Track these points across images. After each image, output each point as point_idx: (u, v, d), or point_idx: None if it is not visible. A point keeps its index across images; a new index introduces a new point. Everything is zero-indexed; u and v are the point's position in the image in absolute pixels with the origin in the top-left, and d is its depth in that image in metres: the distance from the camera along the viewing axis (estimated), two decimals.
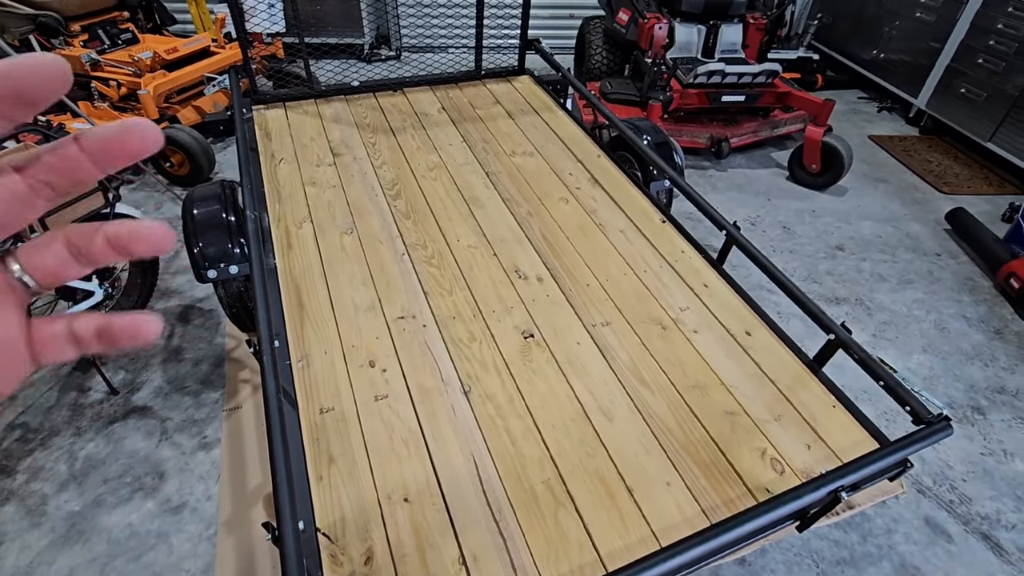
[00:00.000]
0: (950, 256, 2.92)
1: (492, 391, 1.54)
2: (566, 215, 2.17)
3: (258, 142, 2.43)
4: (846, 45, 5.08)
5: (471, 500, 1.31)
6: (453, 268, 1.90)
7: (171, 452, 1.84)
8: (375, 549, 1.22)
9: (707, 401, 1.55)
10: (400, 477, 1.34)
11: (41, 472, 1.77)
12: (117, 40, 3.56)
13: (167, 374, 2.10)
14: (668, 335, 1.73)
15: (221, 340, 2.25)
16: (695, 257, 2.02)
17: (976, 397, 2.14)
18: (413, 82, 3.01)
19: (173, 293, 2.48)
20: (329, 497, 1.30)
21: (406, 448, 1.40)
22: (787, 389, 1.61)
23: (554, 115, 2.82)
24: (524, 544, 1.24)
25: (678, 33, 3.68)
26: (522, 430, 1.45)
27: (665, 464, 1.40)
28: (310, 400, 1.49)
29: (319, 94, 2.82)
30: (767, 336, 1.74)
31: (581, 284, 1.88)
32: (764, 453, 1.45)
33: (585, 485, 1.34)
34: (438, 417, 1.47)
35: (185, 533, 1.62)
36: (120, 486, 1.73)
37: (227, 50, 3.83)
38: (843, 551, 1.65)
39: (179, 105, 3.55)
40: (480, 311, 1.76)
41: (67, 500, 1.70)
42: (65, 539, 1.60)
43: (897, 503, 1.77)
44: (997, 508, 1.77)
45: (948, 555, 1.64)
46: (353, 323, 1.69)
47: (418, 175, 2.34)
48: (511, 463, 1.38)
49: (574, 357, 1.64)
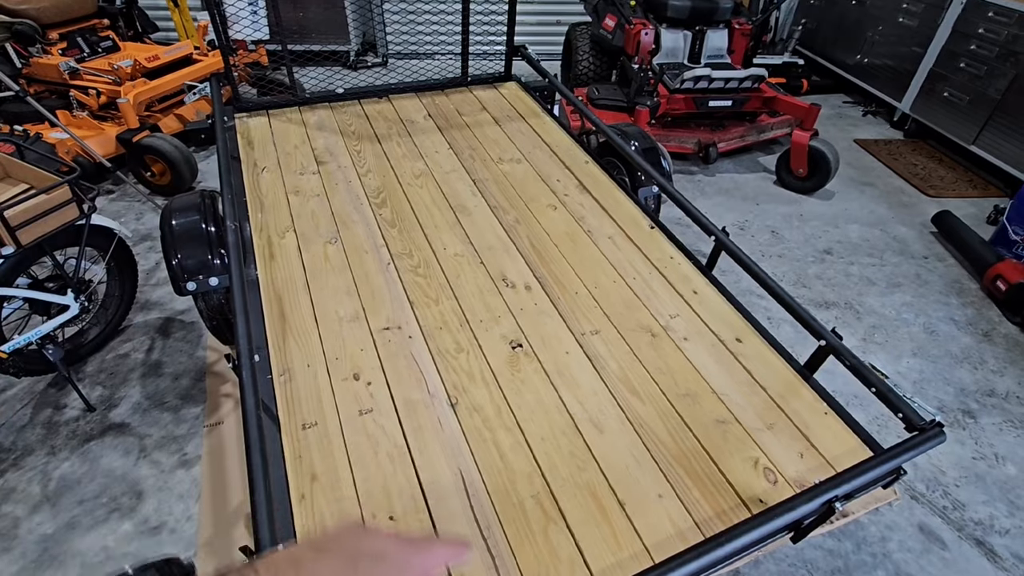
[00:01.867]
0: (937, 259, 2.93)
1: (480, 403, 1.50)
2: (554, 222, 2.15)
3: (240, 150, 2.39)
4: (830, 50, 5.13)
5: (459, 517, 1.27)
6: (440, 277, 1.87)
7: (150, 470, 1.78)
8: None
9: (698, 410, 1.53)
10: (385, 495, 1.30)
11: (13, 494, 1.70)
12: (97, 48, 3.51)
13: (146, 389, 2.04)
14: (658, 343, 1.70)
15: (202, 353, 2.19)
16: (684, 263, 2.00)
17: (966, 401, 2.14)
18: (399, 89, 2.98)
19: (153, 305, 2.42)
20: (312, 516, 1.26)
21: (391, 463, 1.36)
22: (779, 397, 1.59)
23: (541, 121, 2.80)
24: (514, 562, 1.21)
25: (664, 39, 3.69)
26: (511, 443, 1.41)
27: (657, 476, 1.37)
28: (292, 415, 1.45)
29: (303, 101, 2.79)
30: (758, 343, 1.73)
31: (570, 292, 1.85)
32: (757, 463, 1.43)
33: (576, 499, 1.31)
34: (424, 431, 1.43)
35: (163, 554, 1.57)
36: (96, 507, 1.67)
37: (210, 57, 3.78)
38: (837, 560, 1.63)
39: (160, 114, 3.49)
40: (467, 321, 1.73)
41: (40, 523, 1.63)
42: (37, 564, 1.54)
43: (891, 510, 1.75)
44: (990, 513, 1.77)
45: (943, 562, 1.62)
46: (337, 335, 1.65)
47: (404, 183, 2.30)
48: (499, 477, 1.34)
49: (563, 367, 1.61)
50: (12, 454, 1.81)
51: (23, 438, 1.86)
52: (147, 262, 2.67)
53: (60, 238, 1.83)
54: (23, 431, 1.88)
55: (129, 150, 3.08)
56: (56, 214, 1.74)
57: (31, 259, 1.82)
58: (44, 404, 1.97)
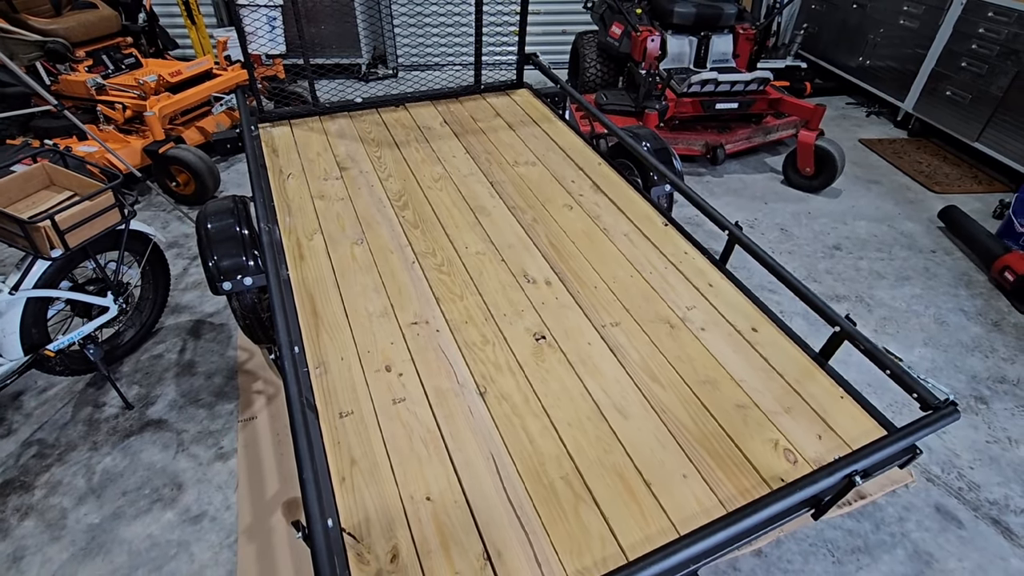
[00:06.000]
0: (945, 253, 2.98)
1: (507, 391, 1.57)
2: (571, 221, 2.22)
3: (266, 158, 2.48)
4: (832, 53, 5.21)
5: (492, 497, 1.33)
6: (463, 274, 1.94)
7: (188, 463, 1.85)
8: (400, 547, 1.24)
9: (718, 396, 1.58)
10: (421, 477, 1.36)
11: (59, 487, 1.78)
12: (121, 65, 3.63)
13: (180, 387, 2.12)
14: (676, 333, 1.76)
15: (233, 353, 2.27)
16: (699, 258, 2.07)
17: (978, 387, 2.18)
18: (415, 97, 3.08)
19: (184, 309, 2.50)
20: (352, 498, 1.32)
21: (425, 448, 1.42)
22: (795, 382, 1.64)
23: (553, 125, 2.89)
24: (547, 538, 1.26)
25: (670, 45, 3.78)
26: (539, 428, 1.47)
27: (681, 458, 1.43)
28: (329, 405, 1.51)
29: (323, 111, 2.89)
30: (773, 332, 1.78)
31: (589, 287, 1.92)
32: (776, 444, 1.48)
33: (603, 480, 1.36)
34: (455, 418, 1.50)
35: (206, 542, 1.63)
36: (139, 498, 1.74)
37: (228, 72, 3.90)
38: (857, 540, 1.67)
39: (183, 127, 3.61)
40: (491, 315, 1.80)
41: (86, 513, 1.71)
42: (86, 552, 1.61)
43: (908, 492, 1.79)
44: (1005, 493, 1.80)
45: (960, 541, 1.66)
46: (367, 330, 1.72)
47: (424, 186, 2.39)
48: (529, 461, 1.40)
49: (586, 357, 1.67)
50: (56, 449, 1.89)
51: (66, 435, 1.94)
52: (176, 268, 2.76)
53: (101, 242, 1.92)
54: (65, 428, 1.96)
55: (155, 161, 3.19)
56: (99, 219, 1.82)
57: (75, 262, 1.91)
58: (84, 403, 2.05)
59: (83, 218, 1.75)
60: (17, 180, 1.84)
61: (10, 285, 1.71)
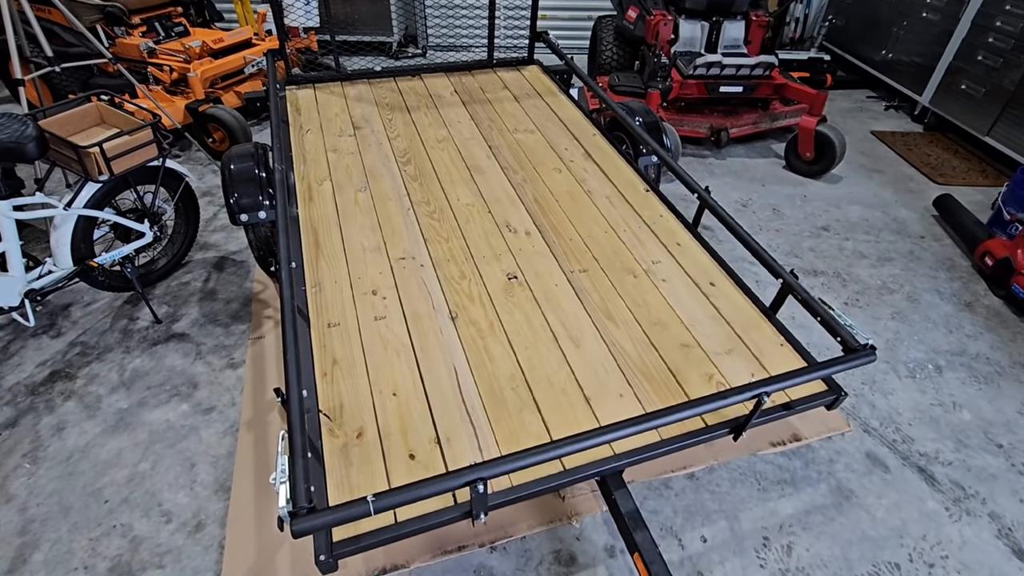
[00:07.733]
0: (933, 239, 3.04)
1: (476, 318, 1.79)
2: (558, 182, 2.41)
3: (289, 116, 2.75)
4: (857, 46, 5.19)
5: (449, 399, 1.55)
6: (451, 221, 2.16)
7: (203, 369, 2.14)
8: (366, 429, 1.48)
9: (666, 335, 1.76)
10: (391, 378, 1.59)
11: (97, 378, 2.09)
12: (171, 32, 3.97)
13: (203, 310, 2.42)
14: (638, 282, 1.95)
15: (250, 285, 2.56)
16: (672, 220, 2.24)
17: (936, 358, 2.28)
18: (430, 68, 3.31)
19: (211, 246, 2.81)
20: (331, 389, 1.56)
21: (397, 357, 1.66)
22: (741, 330, 1.81)
23: (557, 99, 3.07)
24: (491, 432, 1.48)
25: (683, 29, 3.89)
26: (499, 351, 1.69)
27: (621, 381, 1.62)
28: (320, 317, 1.76)
29: (345, 77, 3.14)
30: (729, 286, 1.95)
31: (565, 239, 2.11)
32: (711, 378, 1.65)
33: (548, 392, 1.57)
34: (427, 336, 1.72)
35: (213, 429, 1.92)
36: (161, 392, 2.04)
37: (267, 42, 4.21)
38: (785, 474, 1.82)
39: (222, 90, 3.93)
40: (472, 256, 2.01)
41: (117, 400, 2.01)
42: (115, 428, 1.91)
43: (843, 439, 1.93)
44: (937, 448, 1.92)
45: (883, 482, 1.80)
46: (361, 260, 1.96)
47: (428, 146, 2.61)
48: (487, 374, 1.62)
49: (551, 295, 1.87)
50: (96, 350, 2.21)
51: (104, 340, 2.25)
52: (207, 213, 3.07)
53: (141, 174, 2.22)
54: (104, 334, 2.28)
55: (195, 118, 3.52)
56: (140, 152, 2.11)
57: (118, 190, 2.21)
58: (121, 316, 2.37)
59: (126, 149, 2.05)
60: (75, 115, 2.15)
61: (64, 203, 2.02)
